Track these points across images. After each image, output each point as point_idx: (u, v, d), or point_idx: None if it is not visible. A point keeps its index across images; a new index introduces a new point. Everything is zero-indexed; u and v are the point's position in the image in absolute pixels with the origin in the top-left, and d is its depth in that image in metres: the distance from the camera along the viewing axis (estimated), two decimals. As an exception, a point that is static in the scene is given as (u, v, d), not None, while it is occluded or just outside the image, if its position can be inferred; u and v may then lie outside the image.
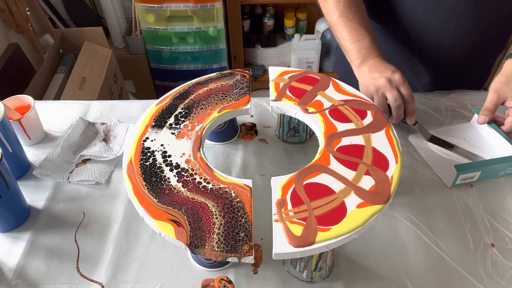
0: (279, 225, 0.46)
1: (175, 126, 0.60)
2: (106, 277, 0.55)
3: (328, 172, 0.52)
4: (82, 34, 1.66)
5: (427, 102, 0.82)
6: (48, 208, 0.64)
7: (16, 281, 0.55)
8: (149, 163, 0.55)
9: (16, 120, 0.70)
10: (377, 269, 0.56)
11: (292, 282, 0.54)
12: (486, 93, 0.72)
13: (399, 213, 0.62)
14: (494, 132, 0.71)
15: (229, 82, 0.68)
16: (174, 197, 0.50)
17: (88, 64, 1.55)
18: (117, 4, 1.85)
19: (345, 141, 0.57)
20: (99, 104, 0.85)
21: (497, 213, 0.62)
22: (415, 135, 0.74)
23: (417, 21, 0.77)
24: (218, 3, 1.73)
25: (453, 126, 0.76)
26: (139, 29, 1.87)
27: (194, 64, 1.96)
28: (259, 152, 0.72)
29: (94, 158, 0.71)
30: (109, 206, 0.64)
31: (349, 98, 0.64)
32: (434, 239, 0.59)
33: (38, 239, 0.60)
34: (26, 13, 1.59)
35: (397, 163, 0.53)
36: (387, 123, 0.59)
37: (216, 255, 0.45)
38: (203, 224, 0.47)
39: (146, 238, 0.60)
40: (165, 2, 1.73)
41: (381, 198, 0.49)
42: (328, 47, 2.00)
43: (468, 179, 0.65)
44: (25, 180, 0.69)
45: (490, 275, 0.55)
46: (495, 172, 0.66)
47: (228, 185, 0.51)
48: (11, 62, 1.42)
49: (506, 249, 0.58)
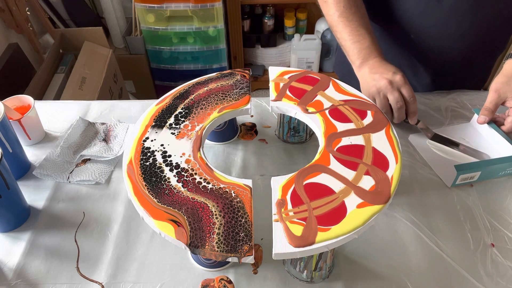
0: (279, 225, 0.46)
1: (175, 126, 0.60)
2: (106, 277, 0.55)
3: (328, 172, 0.52)
4: (82, 34, 1.66)
5: (427, 102, 0.82)
6: (48, 208, 0.64)
7: (16, 281, 0.55)
8: (149, 163, 0.55)
9: (16, 120, 0.70)
10: (377, 269, 0.56)
11: (292, 282, 0.54)
12: (486, 93, 0.72)
13: (399, 213, 0.62)
14: (494, 132, 0.71)
15: (229, 82, 0.68)
16: (174, 197, 0.50)
17: (88, 64, 1.55)
18: (117, 4, 1.85)
19: (345, 141, 0.57)
20: (99, 104, 0.85)
21: (497, 213, 0.62)
22: (415, 135, 0.74)
23: (417, 22, 0.77)
24: (218, 3, 1.73)
25: (452, 126, 0.76)
26: (139, 29, 1.87)
27: (194, 64, 1.96)
28: (259, 152, 0.72)
29: (94, 158, 0.71)
30: (109, 206, 0.64)
31: (349, 98, 0.64)
32: (434, 239, 0.59)
33: (38, 239, 0.60)
34: (26, 13, 1.59)
35: (397, 163, 0.53)
36: (387, 123, 0.59)
37: (216, 255, 0.45)
38: (203, 224, 0.47)
39: (146, 238, 0.60)
40: (165, 2, 1.73)
41: (381, 198, 0.49)
42: (328, 47, 2.00)
43: (468, 179, 0.65)
44: (25, 180, 0.69)
45: (490, 275, 0.55)
46: (495, 172, 0.66)
47: (228, 185, 0.51)
48: (11, 62, 1.42)
49: (506, 249, 0.58)
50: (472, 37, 0.77)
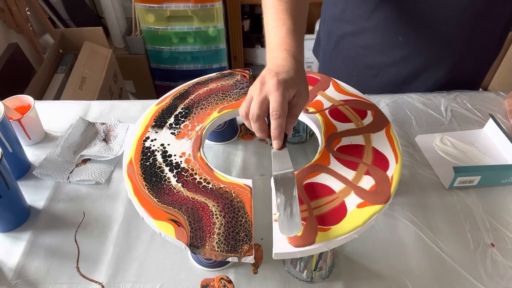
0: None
1: (175, 126, 0.60)
2: (106, 277, 0.55)
3: (328, 172, 0.52)
4: (82, 34, 1.66)
5: (427, 102, 0.82)
6: (48, 208, 0.64)
7: (16, 281, 0.55)
8: (149, 163, 0.55)
9: (16, 120, 0.70)
10: (377, 269, 0.56)
11: (292, 282, 0.54)
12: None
13: (399, 213, 0.62)
14: (506, 140, 0.69)
15: (229, 82, 0.68)
16: (174, 197, 0.50)
17: (88, 64, 1.55)
18: (117, 4, 1.85)
19: (345, 141, 0.57)
20: (99, 104, 0.85)
21: (497, 213, 0.62)
22: (423, 135, 0.73)
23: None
24: (218, 3, 1.73)
25: (465, 131, 0.75)
26: (139, 29, 1.87)
27: (194, 64, 1.96)
28: (259, 152, 0.72)
29: (94, 158, 0.71)
30: (109, 206, 0.64)
31: (349, 98, 0.64)
32: (434, 239, 0.59)
33: (38, 239, 0.60)
34: (26, 13, 1.58)
35: (397, 163, 0.53)
36: (387, 123, 0.59)
37: (216, 255, 0.45)
38: (203, 224, 0.47)
39: (146, 238, 0.60)
40: (165, 2, 1.73)
41: (381, 198, 0.49)
42: (328, 47, 2.00)
43: (467, 182, 0.64)
44: (25, 180, 0.69)
45: (490, 275, 0.55)
46: (497, 179, 0.65)
47: (228, 185, 0.51)
48: (11, 62, 1.42)
49: (506, 249, 0.58)
50: (469, 11, 0.73)
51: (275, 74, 0.51)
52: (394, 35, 0.78)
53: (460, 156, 0.69)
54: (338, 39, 0.88)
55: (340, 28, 0.87)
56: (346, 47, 0.87)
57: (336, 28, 0.88)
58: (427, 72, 0.84)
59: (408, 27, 0.78)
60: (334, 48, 0.91)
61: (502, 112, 0.79)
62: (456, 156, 0.70)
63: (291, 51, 0.54)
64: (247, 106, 0.52)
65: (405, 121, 0.78)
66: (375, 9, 0.77)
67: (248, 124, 0.53)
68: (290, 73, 0.51)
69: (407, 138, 0.74)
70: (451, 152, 0.70)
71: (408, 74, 0.84)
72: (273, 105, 0.49)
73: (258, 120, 0.51)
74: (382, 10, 0.76)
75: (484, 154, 0.70)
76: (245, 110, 0.52)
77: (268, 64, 0.55)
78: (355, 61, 0.88)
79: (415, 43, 0.79)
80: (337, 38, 0.88)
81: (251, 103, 0.51)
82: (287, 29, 0.56)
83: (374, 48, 0.83)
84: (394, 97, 0.83)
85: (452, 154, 0.70)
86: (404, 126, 0.76)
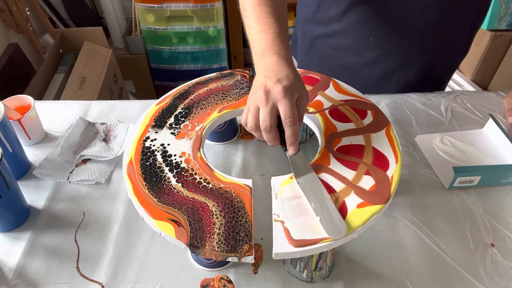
0: (279, 225, 0.46)
1: (175, 126, 0.60)
2: (106, 277, 0.55)
3: (328, 172, 0.52)
4: (82, 34, 1.66)
5: (427, 102, 0.82)
6: (48, 208, 0.64)
7: (16, 281, 0.55)
8: (149, 163, 0.55)
9: (16, 120, 0.70)
10: (377, 269, 0.56)
11: (292, 282, 0.54)
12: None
13: (399, 213, 0.62)
14: (506, 140, 0.69)
15: (229, 82, 0.68)
16: (174, 196, 0.50)
17: (88, 64, 1.55)
18: (117, 4, 1.85)
19: (345, 141, 0.57)
20: (99, 104, 0.85)
21: (497, 213, 0.62)
22: (423, 135, 0.73)
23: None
24: (218, 3, 1.73)
25: (465, 131, 0.75)
26: (139, 29, 1.87)
27: (194, 64, 1.96)
28: (259, 152, 0.72)
29: (94, 158, 0.71)
30: (109, 206, 0.64)
31: (349, 98, 0.64)
32: (434, 239, 0.59)
33: (38, 239, 0.60)
34: (26, 13, 1.59)
35: (397, 163, 0.53)
36: (387, 123, 0.59)
37: (216, 255, 0.45)
38: (203, 224, 0.47)
39: (146, 238, 0.60)
40: (165, 2, 1.73)
41: (381, 198, 0.49)
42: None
43: (467, 182, 0.64)
44: (25, 180, 0.69)
45: (490, 275, 0.55)
46: (497, 179, 0.65)
47: (228, 185, 0.51)
48: (11, 62, 1.42)
49: (506, 249, 0.58)
50: (446, 2, 0.73)
51: (277, 80, 0.50)
52: (366, 36, 0.78)
53: (460, 156, 0.69)
54: (312, 40, 0.88)
55: (313, 30, 0.87)
56: (320, 47, 0.87)
57: (310, 29, 0.88)
58: (398, 73, 0.84)
59: (379, 28, 0.79)
60: (309, 48, 0.91)
61: (502, 112, 0.79)
62: (456, 156, 0.70)
63: (282, 55, 0.54)
64: (254, 117, 0.51)
65: (405, 121, 0.78)
66: (346, 11, 0.77)
67: (258, 135, 0.53)
68: (290, 78, 0.51)
69: (407, 138, 0.74)
70: (451, 152, 0.70)
71: (380, 75, 0.84)
72: (285, 112, 0.49)
73: (272, 130, 0.51)
74: (354, 12, 0.77)
75: (484, 154, 0.70)
76: (254, 121, 0.51)
77: (259, 69, 0.54)
78: (329, 61, 0.88)
79: (386, 44, 0.80)
80: (311, 39, 0.88)
81: (260, 114, 0.50)
82: (274, 32, 0.56)
83: (347, 49, 0.83)
84: (394, 97, 0.83)
85: (452, 154, 0.70)
86: (404, 126, 0.77)
